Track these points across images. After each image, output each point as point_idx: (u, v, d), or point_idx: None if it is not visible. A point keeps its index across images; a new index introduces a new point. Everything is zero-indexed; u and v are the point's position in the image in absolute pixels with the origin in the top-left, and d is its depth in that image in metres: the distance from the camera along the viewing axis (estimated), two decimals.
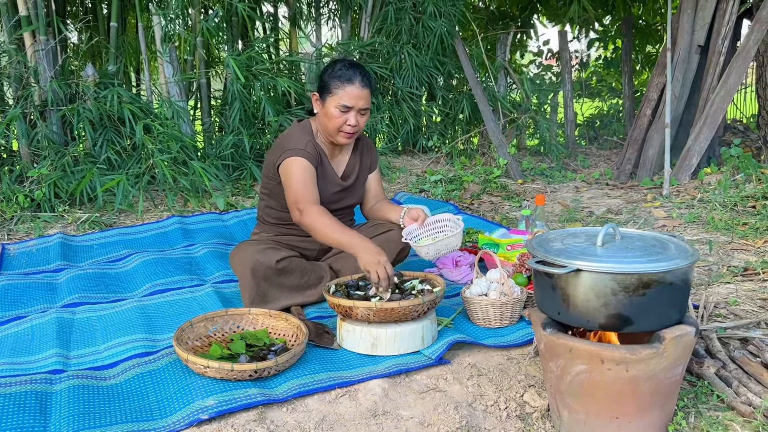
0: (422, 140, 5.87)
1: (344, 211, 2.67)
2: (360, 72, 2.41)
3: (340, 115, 2.40)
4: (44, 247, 3.26)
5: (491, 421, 1.74)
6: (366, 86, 2.41)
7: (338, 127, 2.42)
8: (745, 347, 1.99)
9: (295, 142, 2.46)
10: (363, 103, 2.41)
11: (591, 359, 1.53)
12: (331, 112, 2.41)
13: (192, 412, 1.70)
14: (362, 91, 2.40)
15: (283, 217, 2.59)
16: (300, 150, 2.42)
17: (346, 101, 2.38)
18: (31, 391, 1.80)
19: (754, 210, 3.72)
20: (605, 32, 8.04)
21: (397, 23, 5.69)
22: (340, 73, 2.40)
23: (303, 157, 2.41)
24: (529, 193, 4.70)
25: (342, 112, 2.40)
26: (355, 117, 2.41)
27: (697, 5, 4.85)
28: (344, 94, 2.38)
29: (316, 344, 2.14)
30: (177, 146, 4.17)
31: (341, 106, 2.39)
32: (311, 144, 2.47)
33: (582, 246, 1.64)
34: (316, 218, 2.28)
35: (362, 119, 2.45)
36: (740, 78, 4.62)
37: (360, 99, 2.40)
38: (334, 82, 2.40)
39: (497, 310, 2.25)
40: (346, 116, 2.41)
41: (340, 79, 2.39)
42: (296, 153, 2.42)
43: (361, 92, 2.39)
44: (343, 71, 2.41)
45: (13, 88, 4.25)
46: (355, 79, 2.39)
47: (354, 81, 2.39)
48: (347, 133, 2.44)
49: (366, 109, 2.44)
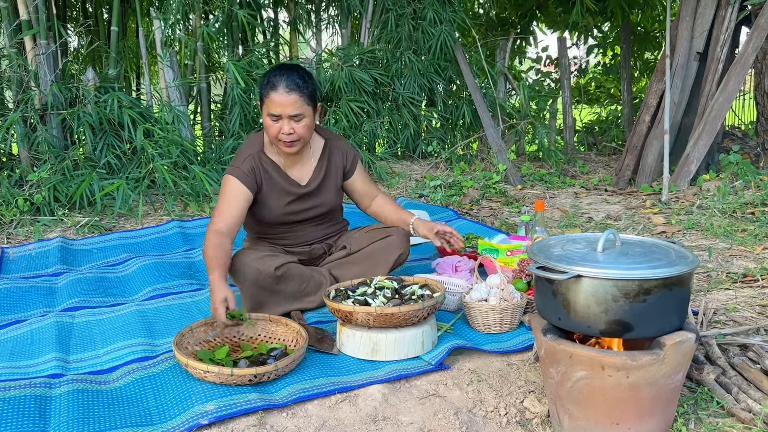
0: (422, 145, 5.88)
1: (322, 219, 2.60)
2: (287, 77, 2.27)
3: (272, 124, 2.31)
4: (44, 251, 3.26)
5: (491, 427, 1.74)
6: (292, 91, 2.26)
7: (275, 136, 2.33)
8: (744, 354, 1.99)
9: (237, 159, 2.41)
10: (291, 109, 2.27)
11: (591, 365, 1.53)
12: (265, 121, 2.33)
13: (192, 416, 1.70)
14: (287, 97, 2.26)
15: (259, 231, 2.59)
16: (235, 168, 2.38)
17: (272, 109, 2.28)
18: (31, 395, 1.79)
19: (753, 216, 3.73)
20: (604, 39, 8.07)
21: (397, 29, 5.71)
22: (267, 79, 2.30)
23: (235, 176, 2.37)
24: (528, 198, 4.70)
25: (273, 121, 2.30)
26: (289, 125, 2.29)
27: (696, 12, 4.87)
28: (270, 103, 2.28)
29: (316, 349, 2.13)
30: (177, 151, 4.17)
31: (270, 115, 2.30)
32: (250, 161, 2.39)
33: (582, 252, 1.64)
34: (207, 243, 2.23)
35: (298, 126, 2.30)
36: (739, 85, 4.64)
37: (286, 106, 2.26)
38: (264, 90, 2.31)
39: (497, 315, 2.25)
40: (279, 125, 2.30)
41: (267, 86, 2.29)
42: (231, 171, 2.38)
43: (286, 99, 2.26)
44: (269, 78, 2.30)
45: (14, 91, 4.25)
46: (279, 86, 2.26)
47: (278, 87, 2.26)
48: (285, 142, 2.33)
49: (297, 115, 2.29)
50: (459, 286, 2.55)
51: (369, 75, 5.37)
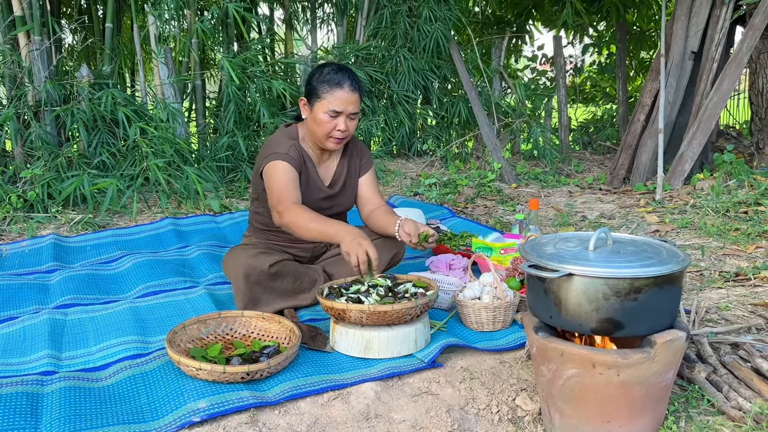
0: (417, 144, 5.88)
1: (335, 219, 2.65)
2: (349, 76, 2.37)
3: (329, 120, 2.36)
4: (37, 248, 3.25)
5: (483, 424, 1.74)
6: (355, 90, 2.37)
7: (327, 132, 2.39)
8: (735, 352, 2.00)
9: (278, 147, 2.43)
10: (352, 107, 2.37)
11: (582, 363, 1.53)
12: (320, 117, 2.37)
13: (184, 414, 1.70)
14: (352, 95, 2.36)
15: (270, 224, 2.57)
16: (282, 154, 2.40)
17: (335, 106, 2.35)
18: (22, 393, 1.79)
19: (746, 216, 3.74)
20: (599, 38, 8.09)
21: (392, 27, 5.71)
22: (329, 77, 2.36)
23: (285, 160, 2.39)
24: (522, 197, 4.71)
25: (331, 117, 2.36)
26: (345, 122, 2.37)
27: (691, 12, 4.88)
28: (333, 99, 2.34)
29: (309, 347, 2.13)
30: (171, 150, 4.16)
31: (330, 111, 2.35)
32: (294, 148, 2.44)
33: (574, 250, 1.65)
34: (296, 215, 2.26)
35: (351, 124, 2.41)
36: (733, 84, 4.65)
37: (350, 104, 2.36)
38: (323, 87, 2.36)
39: (490, 313, 2.26)
40: (336, 121, 2.37)
41: (329, 83, 2.35)
42: (279, 157, 2.39)
43: (350, 96, 2.35)
44: (331, 75, 2.37)
45: (7, 88, 4.24)
46: (345, 83, 2.35)
47: (343, 85, 2.35)
48: (337, 138, 2.40)
49: (355, 113, 2.40)
50: (452, 284, 2.56)
51: (364, 72, 5.37)
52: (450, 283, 2.57)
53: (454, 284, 2.55)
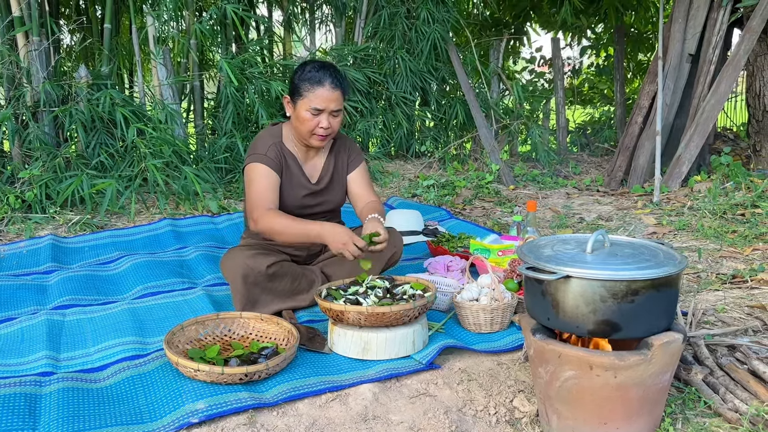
0: (415, 145, 5.88)
1: (325, 216, 2.63)
2: (330, 73, 2.36)
3: (311, 117, 2.37)
4: (35, 249, 3.25)
5: (481, 426, 1.75)
6: (337, 88, 2.36)
7: (311, 130, 2.39)
8: (732, 354, 2.00)
9: (259, 148, 2.44)
10: (334, 105, 2.37)
11: (580, 365, 1.54)
12: (302, 115, 2.38)
13: (182, 415, 1.70)
14: (333, 93, 2.35)
15: None
16: (260, 155, 2.41)
17: (316, 104, 2.35)
18: (20, 393, 1.79)
19: (743, 218, 3.76)
20: (597, 40, 8.10)
21: (390, 28, 5.71)
22: (310, 75, 2.36)
23: (262, 162, 2.40)
24: (520, 199, 4.72)
25: (313, 115, 2.37)
26: (327, 119, 2.38)
27: (689, 14, 4.90)
28: (314, 97, 2.34)
29: (307, 348, 2.14)
30: (169, 151, 4.16)
31: (312, 109, 2.35)
32: (274, 149, 2.44)
33: (572, 252, 1.65)
34: (271, 221, 2.27)
35: (335, 121, 2.41)
36: (730, 87, 4.67)
37: (331, 101, 2.35)
38: (304, 85, 2.36)
39: (488, 315, 2.26)
40: (318, 119, 2.37)
41: (310, 81, 2.35)
42: (256, 159, 2.41)
43: (331, 94, 2.35)
44: (313, 73, 2.36)
45: (5, 88, 4.23)
46: (326, 81, 2.34)
47: (324, 83, 2.34)
48: (320, 135, 2.41)
49: (338, 110, 2.40)
50: (450, 285, 2.56)
51: (363, 74, 5.37)
52: (448, 284, 2.58)
53: (452, 286, 2.56)
